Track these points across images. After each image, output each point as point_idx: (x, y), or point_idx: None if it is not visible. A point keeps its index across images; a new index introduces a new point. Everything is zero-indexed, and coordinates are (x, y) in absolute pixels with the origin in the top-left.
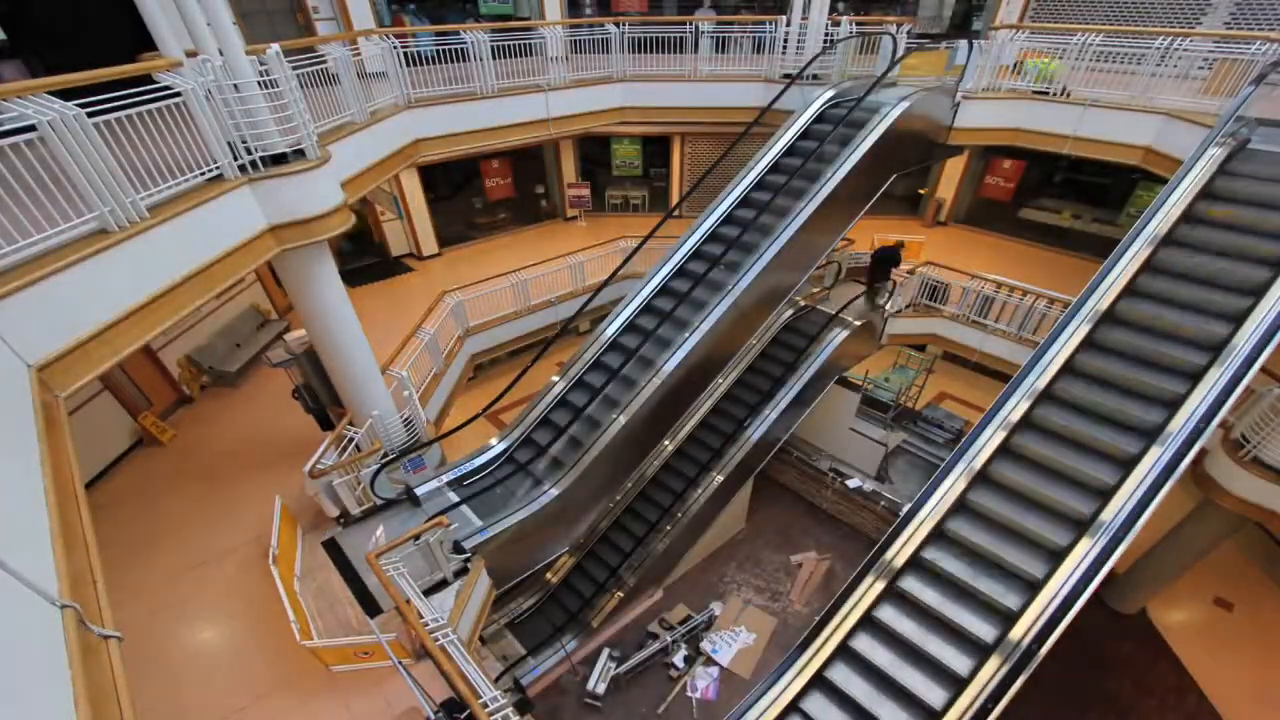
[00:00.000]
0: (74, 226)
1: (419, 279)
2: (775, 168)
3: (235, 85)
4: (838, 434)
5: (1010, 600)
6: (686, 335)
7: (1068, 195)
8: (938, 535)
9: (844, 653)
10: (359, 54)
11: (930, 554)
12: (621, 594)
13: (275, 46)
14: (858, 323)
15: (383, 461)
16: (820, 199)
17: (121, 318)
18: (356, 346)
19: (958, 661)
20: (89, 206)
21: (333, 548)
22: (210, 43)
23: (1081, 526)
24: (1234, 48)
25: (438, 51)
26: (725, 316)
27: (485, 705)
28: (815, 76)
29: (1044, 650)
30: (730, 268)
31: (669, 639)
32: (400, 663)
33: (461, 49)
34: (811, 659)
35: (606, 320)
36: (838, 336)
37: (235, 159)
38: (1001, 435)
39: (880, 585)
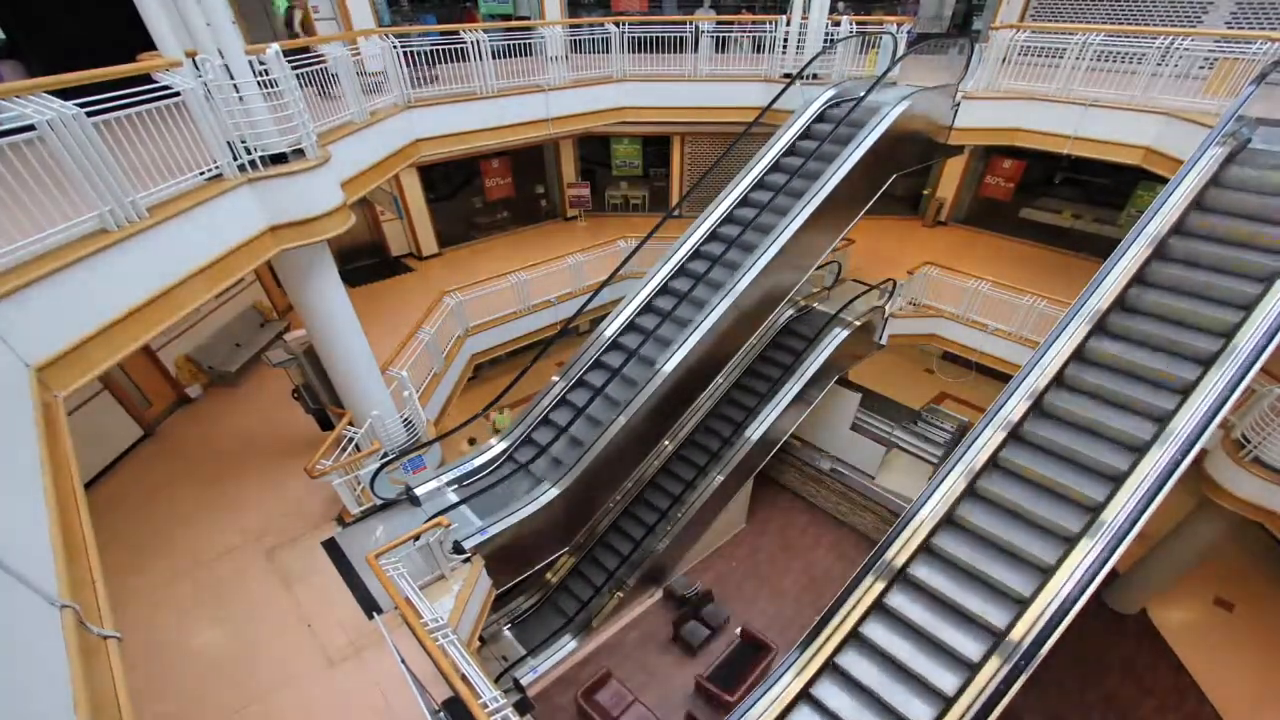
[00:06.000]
0: (73, 226)
1: (419, 279)
2: (775, 167)
3: (235, 85)
4: (838, 434)
5: (1010, 601)
6: (686, 335)
7: (1068, 195)
8: (935, 540)
9: (851, 643)
10: (359, 54)
11: (923, 567)
12: (621, 594)
13: (275, 46)
14: (858, 323)
15: (382, 461)
16: (820, 199)
17: (121, 318)
18: (356, 346)
19: (957, 665)
20: (89, 206)
21: (332, 548)
22: (210, 43)
23: (1083, 526)
24: (1234, 47)
25: (438, 51)
26: (725, 316)
27: (485, 705)
28: (815, 76)
29: (1044, 650)
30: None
31: None
32: (403, 662)
33: (461, 49)
34: (815, 655)
35: (607, 320)
36: (838, 336)
37: (235, 159)
38: (1002, 435)
39: (881, 585)
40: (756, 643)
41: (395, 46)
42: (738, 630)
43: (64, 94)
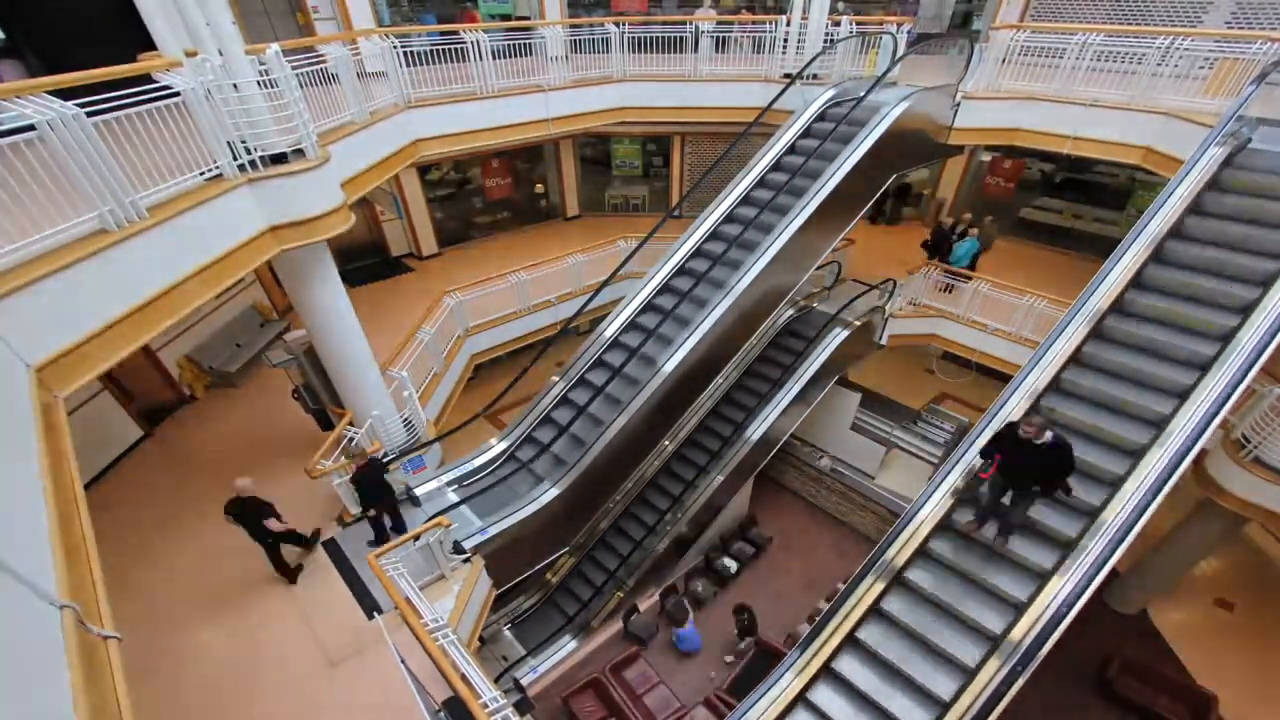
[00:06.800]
0: (74, 226)
1: (419, 279)
2: (776, 167)
3: (235, 85)
4: (838, 434)
5: (1009, 602)
6: (686, 335)
7: (1068, 195)
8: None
9: (854, 639)
10: (359, 54)
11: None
12: (621, 594)
13: (275, 46)
14: (858, 322)
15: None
16: (820, 198)
17: (121, 317)
18: (356, 346)
19: (960, 664)
20: (89, 206)
21: (333, 548)
22: (210, 43)
23: (1083, 525)
24: (1234, 47)
25: (438, 51)
26: (725, 316)
27: (485, 705)
28: (815, 76)
29: (1044, 650)
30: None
31: None
32: (403, 662)
33: (461, 49)
34: (816, 654)
35: (607, 320)
36: (838, 336)
37: (235, 159)
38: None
39: (881, 585)
40: (773, 651)
41: (395, 47)
42: (753, 640)
43: (64, 94)
